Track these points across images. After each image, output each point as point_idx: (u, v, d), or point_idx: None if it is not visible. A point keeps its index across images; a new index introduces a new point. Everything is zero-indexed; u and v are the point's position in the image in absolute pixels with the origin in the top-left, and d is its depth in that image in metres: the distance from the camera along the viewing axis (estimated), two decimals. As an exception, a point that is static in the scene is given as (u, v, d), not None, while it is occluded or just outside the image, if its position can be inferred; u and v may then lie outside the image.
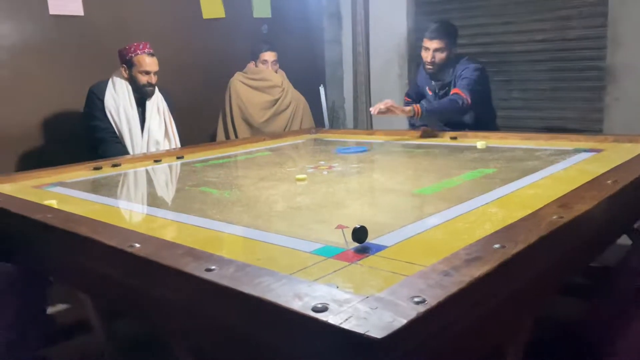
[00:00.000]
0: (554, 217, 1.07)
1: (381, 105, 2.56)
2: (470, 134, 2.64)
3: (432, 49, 2.77)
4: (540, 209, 1.14)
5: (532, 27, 3.56)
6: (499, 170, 1.82)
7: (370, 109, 2.64)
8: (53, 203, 1.54)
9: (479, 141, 2.37)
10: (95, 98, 2.77)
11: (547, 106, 3.61)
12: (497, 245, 0.91)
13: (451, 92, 2.71)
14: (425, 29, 3.78)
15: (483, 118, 2.89)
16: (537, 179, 1.61)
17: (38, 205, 1.48)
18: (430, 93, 2.99)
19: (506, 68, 3.68)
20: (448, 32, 2.78)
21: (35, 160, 2.86)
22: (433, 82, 2.93)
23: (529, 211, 1.14)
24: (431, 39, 2.77)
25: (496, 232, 1.00)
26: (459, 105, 2.64)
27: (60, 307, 2.36)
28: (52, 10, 2.97)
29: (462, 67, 2.80)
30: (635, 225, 1.65)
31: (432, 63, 2.80)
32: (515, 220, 1.08)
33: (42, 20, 2.94)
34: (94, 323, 1.52)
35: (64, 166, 2.19)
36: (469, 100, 2.65)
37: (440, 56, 2.77)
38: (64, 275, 1.44)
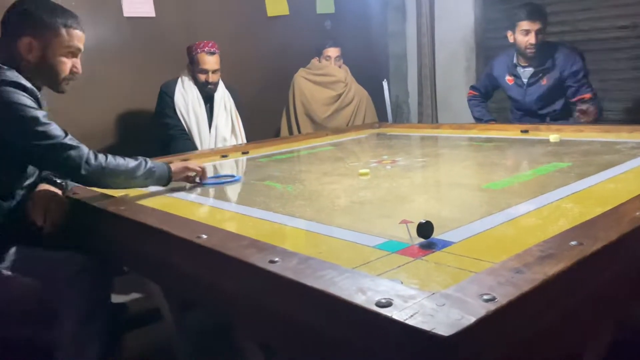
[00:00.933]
0: (638, 213, 0.99)
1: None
2: (542, 127, 2.52)
3: (534, 31, 2.66)
4: (622, 204, 1.07)
5: (613, 13, 3.33)
6: (575, 164, 1.72)
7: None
8: (126, 195, 1.61)
9: (552, 134, 2.25)
10: (166, 96, 2.87)
11: (628, 97, 3.37)
12: (573, 242, 0.86)
13: (583, 97, 2.60)
14: (495, 20, 3.65)
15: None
16: (617, 174, 1.51)
17: (112, 197, 1.55)
18: (510, 82, 2.87)
19: (580, 52, 3.47)
20: (544, 14, 2.71)
21: (110, 153, 3.01)
22: (520, 70, 2.80)
23: (609, 207, 1.06)
24: (533, 20, 2.67)
25: (572, 229, 0.94)
26: None
27: (134, 295, 2.48)
28: (126, 13, 3.11)
29: (566, 57, 2.71)
30: None
31: (535, 45, 2.69)
32: (594, 216, 1.01)
33: (117, 23, 3.09)
34: (164, 312, 1.57)
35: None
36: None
37: (541, 37, 2.69)
38: (136, 265, 1.50)
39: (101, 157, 1.49)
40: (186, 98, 2.87)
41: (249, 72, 3.52)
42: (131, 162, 1.54)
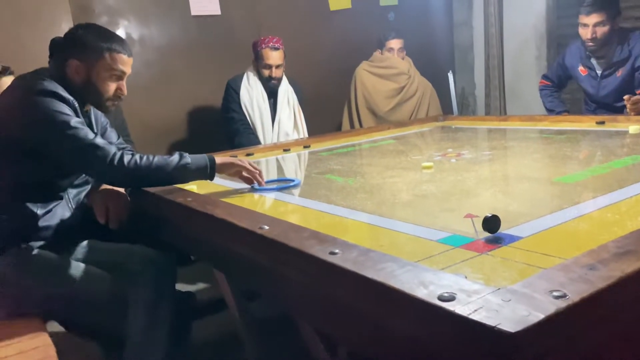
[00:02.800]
0: None
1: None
2: (621, 117, 2.36)
3: (591, 25, 2.49)
4: None
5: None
6: (657, 157, 1.61)
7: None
8: (194, 188, 1.67)
9: (632, 125, 2.11)
10: (232, 91, 2.94)
11: None
12: (655, 239, 0.80)
13: None
14: (569, 5, 3.45)
15: None
16: None
17: (180, 189, 1.60)
18: (584, 73, 2.70)
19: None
20: (608, 2, 2.49)
21: (179, 149, 3.13)
22: (594, 61, 2.64)
23: (697, 202, 0.98)
24: (588, 13, 2.49)
25: (654, 224, 0.88)
26: None
27: (201, 285, 2.57)
28: (194, 12, 3.21)
29: None
30: None
31: (594, 39, 2.51)
32: (679, 211, 0.94)
33: (185, 21, 3.20)
34: (229, 300, 1.62)
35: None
36: None
37: (602, 30, 2.48)
38: (202, 254, 1.55)
39: (128, 158, 1.50)
40: (251, 93, 2.93)
41: (312, 67, 3.54)
42: (161, 161, 1.55)
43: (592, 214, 1.11)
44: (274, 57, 2.87)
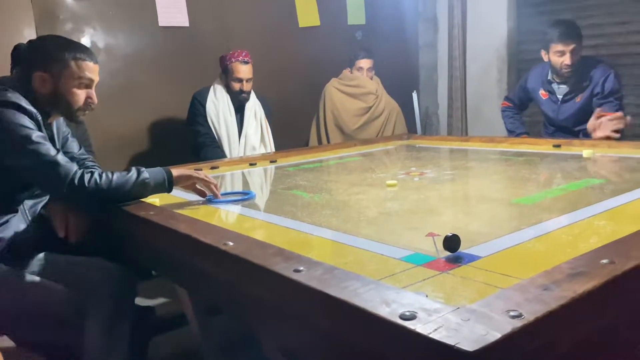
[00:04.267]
0: (674, 232, 0.96)
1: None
2: (576, 141, 2.46)
3: (568, 52, 2.59)
4: (658, 223, 1.03)
5: (651, 27, 3.26)
6: (608, 181, 1.68)
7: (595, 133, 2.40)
8: (156, 201, 1.65)
9: (586, 149, 2.20)
10: (198, 104, 2.93)
11: (666, 112, 3.28)
12: (605, 261, 0.84)
13: (600, 114, 2.44)
14: (529, 31, 3.59)
15: None
16: (653, 191, 1.46)
17: (141, 203, 1.58)
18: (544, 97, 2.80)
19: (620, 71, 3.39)
20: (578, 31, 2.62)
21: (142, 162, 3.07)
22: (555, 85, 2.74)
23: (644, 225, 1.04)
24: (566, 41, 2.59)
25: (604, 246, 0.92)
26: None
27: (160, 300, 2.52)
28: (162, 22, 3.19)
29: (600, 74, 2.61)
30: None
31: (570, 65, 2.61)
32: (627, 234, 0.98)
33: (152, 32, 3.17)
34: (190, 317, 1.60)
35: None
36: None
37: (577, 57, 2.60)
38: (164, 269, 1.52)
39: (88, 177, 1.49)
40: (217, 106, 2.92)
41: (280, 82, 3.56)
42: (121, 178, 1.54)
43: (547, 235, 1.15)
44: (245, 71, 2.88)
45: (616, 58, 3.34)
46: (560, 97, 2.74)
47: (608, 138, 2.34)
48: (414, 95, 3.79)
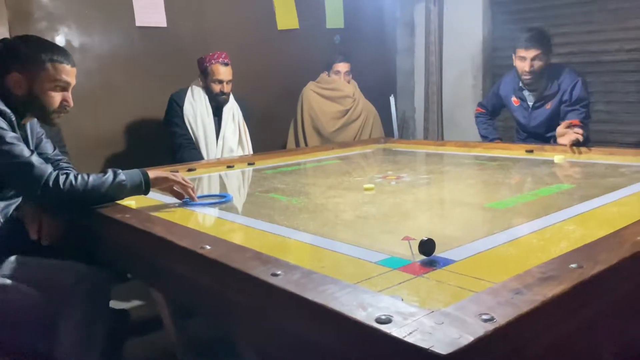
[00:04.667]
0: (639, 238, 1.00)
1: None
2: (547, 147, 2.52)
3: (529, 58, 2.64)
4: (624, 228, 1.07)
5: (621, 36, 3.35)
6: (578, 186, 1.73)
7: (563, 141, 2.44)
8: (132, 204, 1.63)
9: (557, 155, 2.26)
10: (176, 105, 2.90)
11: (633, 120, 3.38)
12: (574, 265, 0.87)
13: (570, 123, 2.49)
14: (503, 38, 3.67)
15: None
16: (620, 197, 1.52)
17: (117, 205, 1.57)
18: (516, 104, 2.86)
19: (590, 79, 3.48)
20: (544, 39, 2.66)
21: (118, 163, 3.03)
22: (526, 93, 2.80)
23: (611, 230, 1.07)
24: (527, 47, 2.64)
25: (574, 251, 0.95)
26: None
27: (135, 302, 2.49)
28: (139, 22, 3.16)
29: (569, 82, 2.67)
30: None
31: (531, 72, 2.66)
32: (595, 239, 1.02)
33: (129, 32, 3.13)
34: (165, 320, 1.58)
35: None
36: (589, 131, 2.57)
37: (538, 64, 2.65)
38: (140, 272, 1.51)
39: (63, 179, 1.47)
40: (195, 108, 2.90)
41: (258, 84, 3.56)
42: (97, 180, 1.52)
43: (520, 239, 1.18)
44: (225, 72, 2.88)
45: (587, 66, 3.44)
46: (530, 103, 2.80)
47: (571, 144, 2.40)
48: (392, 99, 3.83)
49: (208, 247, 1.09)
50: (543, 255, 1.02)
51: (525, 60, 2.65)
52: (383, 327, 0.71)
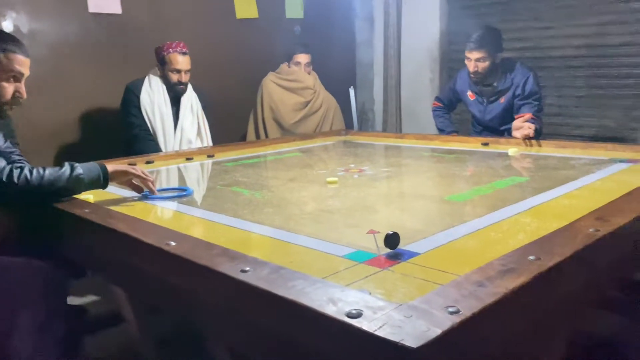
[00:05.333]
0: (591, 230, 1.05)
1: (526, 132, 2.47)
2: (502, 140, 2.61)
3: (473, 60, 2.74)
4: (577, 220, 1.13)
5: (571, 33, 3.49)
6: (532, 179, 1.80)
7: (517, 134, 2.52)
8: (90, 198, 1.59)
9: (511, 148, 2.34)
10: (132, 95, 2.83)
11: (582, 113, 3.53)
12: (532, 257, 0.91)
13: (524, 116, 2.57)
14: (459, 33, 3.75)
15: None
16: (572, 189, 1.59)
17: (75, 200, 1.52)
18: (472, 98, 2.95)
19: (542, 73, 3.60)
20: (489, 41, 2.74)
21: (71, 155, 2.94)
22: (480, 88, 2.88)
23: (564, 222, 1.12)
24: (471, 49, 2.74)
25: (531, 244, 0.99)
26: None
27: (91, 298, 2.43)
28: (92, 9, 3.05)
29: (521, 76, 2.75)
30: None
31: (476, 72, 2.77)
32: (550, 231, 1.07)
33: (82, 18, 3.02)
34: (127, 316, 1.56)
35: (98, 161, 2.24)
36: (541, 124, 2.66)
37: (482, 65, 2.75)
38: (100, 268, 1.48)
39: (17, 173, 1.43)
40: (152, 98, 2.83)
41: (217, 74, 3.50)
42: (53, 174, 1.48)
43: (479, 232, 1.22)
44: (183, 62, 2.82)
45: (538, 61, 3.56)
46: (485, 98, 2.89)
47: (524, 137, 2.49)
48: (351, 91, 3.85)
49: (173, 243, 1.07)
50: (502, 248, 1.06)
51: (470, 61, 2.75)
52: (354, 322, 0.72)
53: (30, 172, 1.44)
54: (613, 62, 3.36)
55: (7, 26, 2.75)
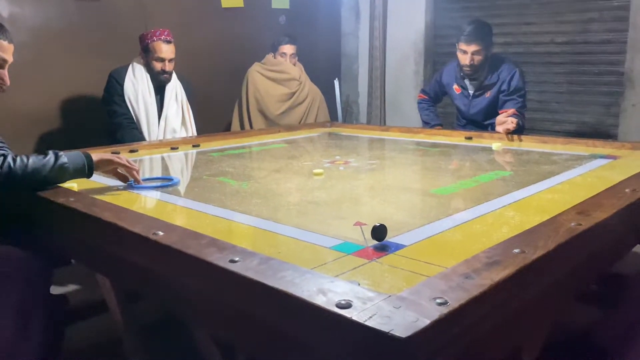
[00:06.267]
0: (573, 224, 1.08)
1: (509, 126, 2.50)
2: (486, 134, 2.64)
3: (470, 52, 2.74)
4: (559, 214, 1.15)
5: (554, 29, 3.54)
6: (515, 173, 1.83)
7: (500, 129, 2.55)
8: (74, 186, 1.57)
9: (495, 142, 2.37)
10: (115, 83, 2.79)
11: (563, 109, 3.60)
12: (516, 250, 0.93)
13: (508, 112, 2.61)
14: (444, 26, 3.76)
15: None
16: (554, 184, 1.62)
17: (59, 188, 1.50)
18: (457, 92, 2.97)
19: (523, 69, 3.65)
20: (484, 34, 2.76)
21: (53, 143, 2.90)
22: (467, 82, 2.90)
23: (547, 216, 1.15)
24: (469, 42, 2.73)
25: (515, 237, 1.01)
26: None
27: (73, 287, 2.41)
28: (74, -6, 2.99)
29: (507, 72, 2.78)
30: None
31: (471, 65, 2.77)
32: (533, 225, 1.09)
33: (63, 3, 2.96)
34: (111, 305, 1.55)
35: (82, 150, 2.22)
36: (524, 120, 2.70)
37: (478, 58, 2.75)
38: (84, 257, 1.47)
39: (0, 161, 1.41)
40: (136, 86, 2.80)
41: (202, 63, 3.48)
42: (37, 162, 1.46)
43: (464, 225, 1.24)
44: (167, 50, 2.78)
45: (521, 56, 3.60)
46: (471, 92, 2.91)
47: (507, 132, 2.52)
48: (336, 82, 3.86)
49: (161, 233, 1.07)
50: (487, 241, 1.08)
51: (466, 54, 2.76)
52: (344, 312, 0.73)
53: (14, 160, 1.42)
54: (593, 60, 3.42)
55: (-14, 10, 2.68)
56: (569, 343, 1.24)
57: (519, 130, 2.57)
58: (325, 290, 0.80)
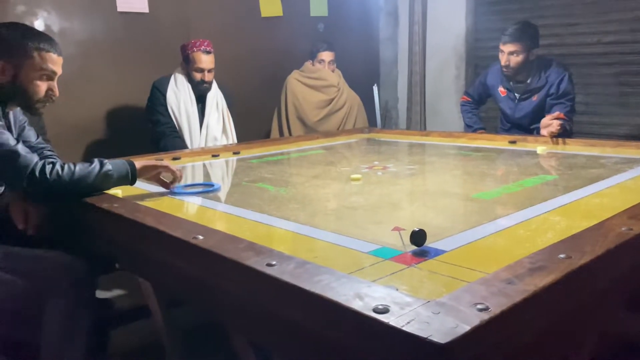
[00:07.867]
0: (623, 228, 1.03)
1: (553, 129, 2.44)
2: (530, 138, 2.57)
3: (506, 53, 2.69)
4: (608, 219, 1.10)
5: (601, 29, 3.41)
6: (561, 177, 1.77)
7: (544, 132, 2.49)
8: (118, 193, 1.62)
9: (540, 146, 2.30)
10: (158, 93, 2.87)
11: (612, 112, 3.45)
12: (562, 255, 0.89)
13: (557, 115, 2.51)
14: (485, 30, 3.69)
15: None
16: (602, 188, 1.55)
17: (104, 195, 1.55)
18: (503, 94, 2.90)
19: (570, 71, 3.55)
20: (525, 35, 2.69)
21: (100, 152, 3.00)
22: (512, 84, 2.84)
23: (595, 221, 1.10)
24: (504, 42, 2.69)
25: (561, 242, 0.97)
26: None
27: (118, 292, 2.47)
28: (120, 8, 3.10)
29: (556, 75, 2.70)
30: None
31: (507, 66, 2.72)
32: (580, 230, 1.05)
33: (110, 17, 3.07)
34: (154, 309, 1.58)
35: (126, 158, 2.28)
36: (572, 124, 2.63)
37: (515, 60, 2.69)
38: (128, 262, 1.50)
39: (49, 169, 1.45)
40: (178, 96, 2.87)
41: (242, 72, 3.53)
42: (83, 170, 1.50)
43: (507, 230, 1.20)
44: (207, 60, 2.84)
45: (566, 58, 3.48)
46: (517, 95, 2.84)
47: (552, 135, 2.44)
48: (375, 88, 3.83)
49: (200, 237, 1.08)
50: (531, 246, 1.05)
51: (503, 53, 2.70)
52: (381, 317, 0.72)
53: (62, 168, 1.47)
54: (644, 59, 3.27)
55: (39, 25, 2.81)
56: (620, 354, 1.18)
57: (567, 135, 2.48)
58: (362, 294, 0.79)
